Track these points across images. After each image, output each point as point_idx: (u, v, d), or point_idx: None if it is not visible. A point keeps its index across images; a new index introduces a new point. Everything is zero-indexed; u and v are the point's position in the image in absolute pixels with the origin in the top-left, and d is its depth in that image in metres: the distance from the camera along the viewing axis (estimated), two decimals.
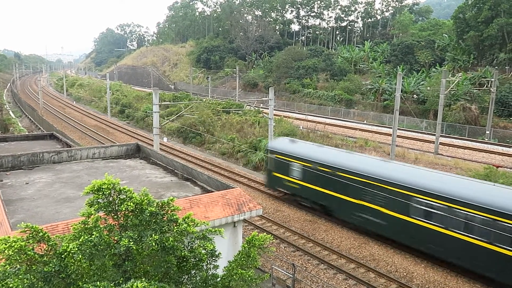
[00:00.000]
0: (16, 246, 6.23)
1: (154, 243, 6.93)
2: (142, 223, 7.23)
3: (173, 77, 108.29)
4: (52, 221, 10.59)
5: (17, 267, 6.34)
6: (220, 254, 7.93)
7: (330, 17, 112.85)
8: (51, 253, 6.64)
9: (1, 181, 15.10)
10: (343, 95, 63.26)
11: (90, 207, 7.21)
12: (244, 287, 7.71)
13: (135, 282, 6.16)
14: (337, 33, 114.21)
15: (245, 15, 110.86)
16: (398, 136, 33.06)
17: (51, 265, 6.43)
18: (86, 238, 6.54)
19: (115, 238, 7.02)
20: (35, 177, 15.74)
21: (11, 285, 6.02)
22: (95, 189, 7.19)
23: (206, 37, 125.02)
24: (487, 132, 42.05)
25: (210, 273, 7.84)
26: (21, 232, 6.65)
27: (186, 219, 7.67)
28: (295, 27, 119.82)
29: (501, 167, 27.68)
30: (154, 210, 7.36)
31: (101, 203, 7.27)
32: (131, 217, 7.26)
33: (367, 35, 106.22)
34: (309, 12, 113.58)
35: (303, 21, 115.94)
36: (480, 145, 36.24)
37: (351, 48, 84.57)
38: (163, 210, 7.53)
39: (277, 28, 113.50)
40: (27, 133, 36.35)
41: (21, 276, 6.19)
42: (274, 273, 15.60)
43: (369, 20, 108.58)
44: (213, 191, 13.85)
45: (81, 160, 18.81)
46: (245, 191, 21.32)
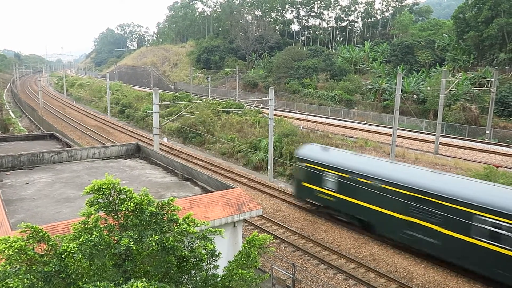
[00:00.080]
0: (16, 246, 6.23)
1: (154, 243, 6.93)
2: (142, 223, 7.23)
3: (173, 77, 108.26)
4: (52, 221, 10.60)
5: (17, 267, 6.35)
6: (220, 254, 7.93)
7: (330, 17, 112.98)
8: (51, 253, 6.64)
9: (1, 181, 15.10)
10: (343, 95, 63.26)
11: (90, 207, 7.21)
12: (244, 287, 7.71)
13: (135, 282, 6.16)
14: (337, 33, 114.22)
15: (245, 15, 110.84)
16: (398, 136, 33.05)
17: (51, 265, 6.43)
18: (86, 238, 6.54)
19: (115, 238, 7.03)
20: (35, 177, 15.74)
21: (11, 285, 6.02)
22: (95, 189, 7.19)
23: (206, 37, 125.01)
24: (487, 132, 42.04)
25: (210, 273, 7.84)
26: (21, 232, 6.65)
27: (186, 219, 7.67)
28: (295, 27, 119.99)
29: (501, 167, 27.66)
30: (155, 210, 7.36)
31: (101, 203, 7.27)
32: (131, 217, 7.26)
33: (367, 35, 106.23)
34: (309, 12, 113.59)
35: (303, 21, 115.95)
36: (480, 145, 36.22)
37: (351, 48, 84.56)
38: (163, 210, 7.53)
39: (277, 28, 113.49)
40: (27, 133, 36.35)
41: (21, 276, 6.19)
42: (274, 273, 15.61)
43: (369, 20, 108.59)
44: (213, 191, 13.86)
45: (81, 160, 18.83)
46: (245, 191, 21.33)
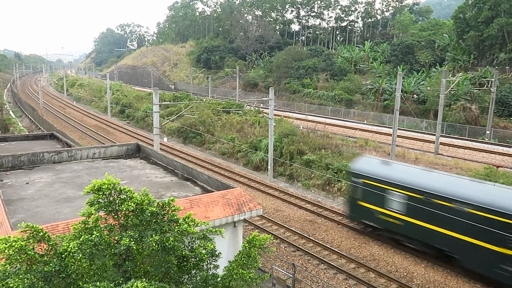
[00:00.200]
0: (17, 246, 6.23)
1: (154, 243, 6.93)
2: (143, 223, 7.23)
3: (173, 77, 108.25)
4: (53, 221, 10.60)
5: (17, 266, 6.35)
6: (221, 254, 7.93)
7: (330, 17, 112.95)
8: (51, 253, 6.65)
9: (1, 181, 15.11)
10: (343, 95, 63.26)
11: (91, 207, 7.21)
12: (244, 287, 7.71)
13: (135, 282, 6.16)
14: (337, 33, 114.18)
15: (245, 15, 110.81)
16: (398, 136, 33.03)
17: (51, 265, 6.43)
18: (87, 237, 6.54)
19: (116, 238, 7.02)
20: (35, 177, 15.75)
21: (12, 284, 6.03)
22: (96, 189, 7.19)
23: (206, 37, 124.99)
24: (487, 132, 42.03)
25: (210, 273, 7.85)
26: (22, 232, 6.65)
27: (186, 219, 7.67)
28: (295, 27, 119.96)
29: (501, 167, 27.65)
30: (155, 210, 7.36)
31: (101, 203, 7.27)
32: (131, 217, 7.26)
33: (367, 35, 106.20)
34: (309, 12, 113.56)
35: (303, 21, 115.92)
36: (480, 145, 36.21)
37: (351, 48, 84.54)
38: (163, 210, 7.53)
39: (277, 28, 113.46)
40: (27, 133, 36.34)
41: (21, 276, 6.20)
42: (274, 273, 15.61)
43: (369, 20, 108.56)
44: (213, 191, 13.86)
45: (81, 160, 18.83)
46: (245, 191, 21.32)
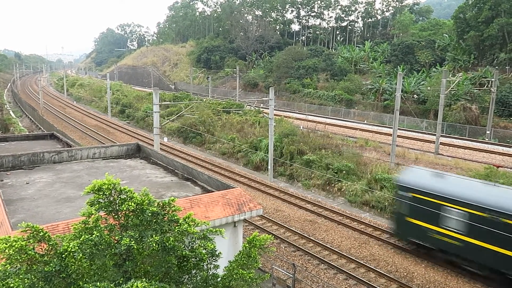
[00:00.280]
0: (17, 246, 6.23)
1: (154, 244, 6.93)
2: (143, 223, 7.23)
3: (173, 77, 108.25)
4: (53, 221, 10.60)
5: (17, 266, 6.35)
6: (221, 254, 7.93)
7: (331, 17, 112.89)
8: (51, 253, 6.65)
9: (2, 181, 15.11)
10: (343, 95, 63.25)
11: (91, 206, 7.21)
12: (244, 287, 7.71)
13: (135, 282, 6.16)
14: (338, 33, 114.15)
15: (246, 15, 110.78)
16: (399, 136, 33.02)
17: (51, 264, 6.43)
18: (87, 237, 6.54)
19: (116, 238, 7.03)
20: (35, 177, 15.75)
21: (12, 284, 6.03)
22: (96, 189, 7.19)
23: (207, 37, 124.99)
24: (488, 132, 42.03)
25: (210, 273, 7.85)
26: (22, 231, 6.65)
27: (186, 219, 7.67)
28: (295, 27, 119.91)
29: (502, 167, 27.64)
30: (155, 210, 7.36)
31: (101, 203, 7.27)
32: (131, 217, 7.26)
33: (368, 35, 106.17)
34: (309, 12, 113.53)
35: (303, 21, 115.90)
36: (481, 145, 36.21)
37: (352, 48, 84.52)
38: (164, 210, 7.53)
39: (277, 28, 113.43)
40: (27, 133, 36.35)
41: (21, 276, 6.19)
42: (274, 273, 15.61)
43: (370, 20, 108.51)
44: (213, 191, 13.86)
45: (81, 160, 18.83)
46: (245, 191, 21.33)
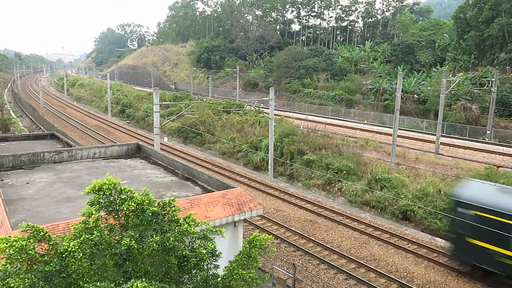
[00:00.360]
0: (17, 246, 6.23)
1: (155, 244, 6.93)
2: (143, 223, 7.23)
3: (173, 77, 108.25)
4: (53, 220, 10.61)
5: (18, 266, 6.35)
6: (221, 254, 7.93)
7: (331, 17, 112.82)
8: (52, 253, 6.65)
9: (2, 180, 15.11)
10: (343, 95, 63.24)
11: (91, 206, 7.21)
12: (244, 287, 7.71)
13: (135, 282, 6.16)
14: (338, 33, 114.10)
15: (246, 15, 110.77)
16: (399, 136, 33.01)
17: (52, 264, 6.44)
18: (87, 237, 6.54)
19: (116, 238, 7.03)
20: (35, 176, 15.75)
21: (12, 284, 6.03)
22: (96, 189, 7.19)
23: (207, 37, 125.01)
24: (488, 132, 42.01)
25: (210, 273, 7.85)
26: (22, 231, 6.66)
27: (187, 219, 7.67)
28: (295, 27, 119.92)
29: (502, 167, 27.64)
30: (156, 210, 7.36)
31: (102, 203, 7.27)
32: (132, 217, 7.26)
33: (368, 35, 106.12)
34: (309, 12, 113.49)
35: (304, 21, 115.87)
36: (481, 145, 36.19)
37: (352, 48, 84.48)
38: (164, 210, 7.53)
39: (277, 28, 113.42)
40: (27, 133, 36.35)
41: (22, 276, 6.20)
42: (274, 273, 15.61)
43: (370, 20, 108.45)
44: (213, 191, 13.86)
45: (81, 160, 18.83)
46: (245, 191, 21.34)
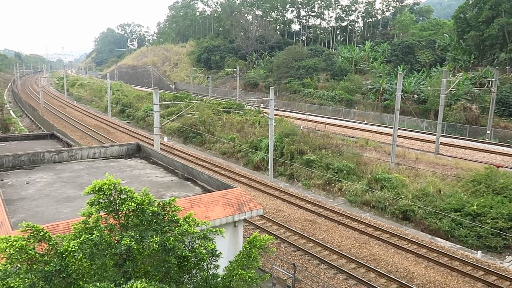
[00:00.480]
0: (17, 246, 6.24)
1: (155, 244, 6.93)
2: (143, 223, 7.22)
3: (173, 77, 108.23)
4: (53, 220, 10.60)
5: (18, 266, 6.36)
6: (221, 253, 7.93)
7: (331, 17, 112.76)
8: (52, 253, 6.65)
9: (2, 180, 15.11)
10: (343, 95, 63.23)
11: (91, 206, 7.21)
12: (244, 287, 7.71)
13: (135, 282, 6.16)
14: (338, 33, 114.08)
15: (246, 15, 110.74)
16: (399, 136, 33.01)
17: (52, 264, 6.44)
18: (87, 237, 6.54)
19: (116, 238, 7.03)
20: (35, 176, 15.75)
21: (12, 284, 6.03)
22: (96, 189, 7.19)
23: (207, 37, 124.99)
24: (488, 132, 42.01)
25: (210, 273, 7.85)
26: (22, 231, 6.66)
27: (186, 219, 7.67)
28: (295, 27, 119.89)
29: (502, 167, 27.65)
30: (156, 210, 7.36)
31: (102, 203, 7.27)
32: (132, 217, 7.26)
33: (368, 35, 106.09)
34: (309, 12, 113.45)
35: (304, 21, 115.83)
36: (481, 145, 36.19)
37: (352, 48, 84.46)
38: (164, 210, 7.53)
39: (277, 28, 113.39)
40: (27, 133, 36.35)
41: (22, 275, 6.20)
42: (274, 273, 15.61)
43: (370, 20, 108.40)
44: (213, 191, 13.85)
45: (81, 160, 18.82)
46: (245, 190, 21.34)
